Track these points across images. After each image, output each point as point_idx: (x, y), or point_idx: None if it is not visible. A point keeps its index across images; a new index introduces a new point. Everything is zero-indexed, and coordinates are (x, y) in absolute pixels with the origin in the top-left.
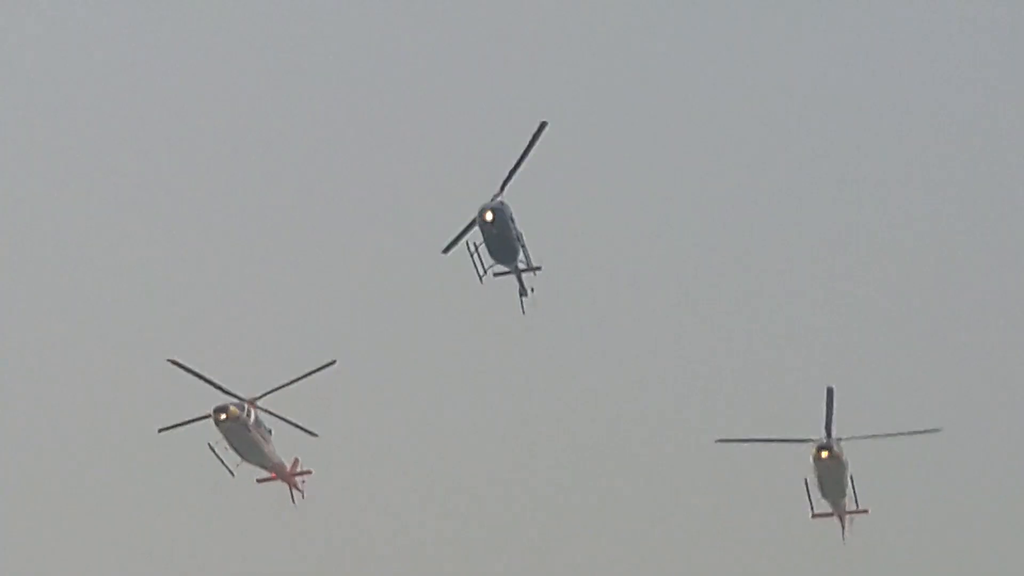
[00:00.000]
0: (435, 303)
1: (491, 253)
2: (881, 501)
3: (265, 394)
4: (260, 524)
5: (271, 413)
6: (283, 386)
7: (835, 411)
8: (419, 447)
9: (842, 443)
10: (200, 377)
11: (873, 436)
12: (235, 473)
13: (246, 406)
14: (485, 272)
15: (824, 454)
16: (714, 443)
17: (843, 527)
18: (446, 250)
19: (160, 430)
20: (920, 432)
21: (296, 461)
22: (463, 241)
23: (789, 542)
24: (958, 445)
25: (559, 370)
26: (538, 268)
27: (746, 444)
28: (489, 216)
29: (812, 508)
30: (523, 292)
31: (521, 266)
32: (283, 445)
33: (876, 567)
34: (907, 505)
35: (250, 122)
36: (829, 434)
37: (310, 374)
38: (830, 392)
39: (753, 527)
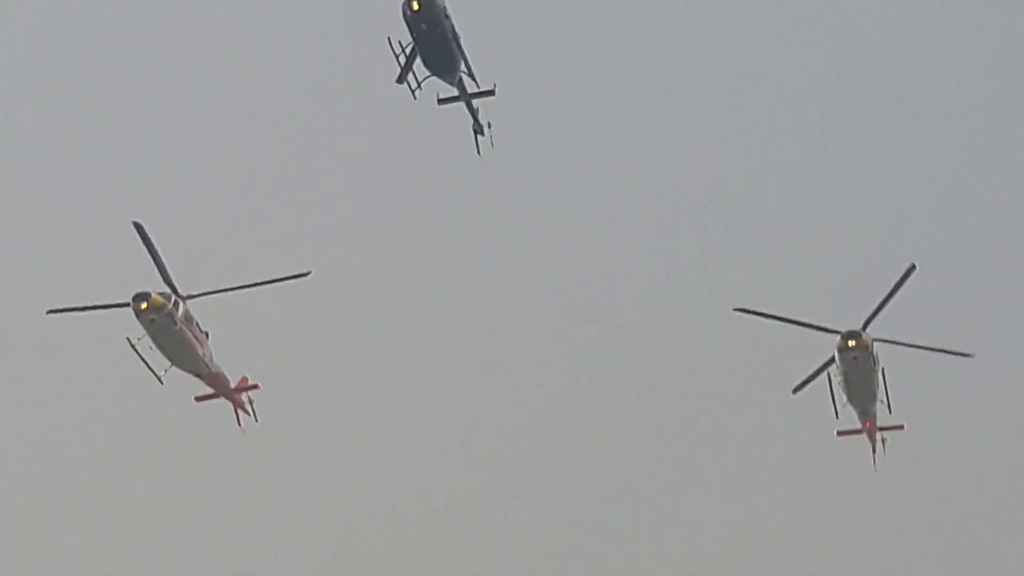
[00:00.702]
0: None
1: (425, 60)
2: (919, 417)
3: (204, 293)
4: (198, 449)
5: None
6: (224, 290)
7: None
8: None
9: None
10: (153, 255)
11: (903, 344)
12: (163, 381)
13: (174, 297)
14: (419, 86)
15: (851, 343)
16: (732, 311)
17: (873, 449)
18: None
19: (49, 311)
20: (951, 353)
21: (244, 379)
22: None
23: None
24: (996, 369)
25: (534, 225)
26: (491, 92)
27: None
28: (415, 5)
29: (836, 415)
30: (478, 128)
31: (471, 88)
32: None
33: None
34: (949, 422)
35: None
36: (866, 325)
37: (273, 282)
38: (910, 270)
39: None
